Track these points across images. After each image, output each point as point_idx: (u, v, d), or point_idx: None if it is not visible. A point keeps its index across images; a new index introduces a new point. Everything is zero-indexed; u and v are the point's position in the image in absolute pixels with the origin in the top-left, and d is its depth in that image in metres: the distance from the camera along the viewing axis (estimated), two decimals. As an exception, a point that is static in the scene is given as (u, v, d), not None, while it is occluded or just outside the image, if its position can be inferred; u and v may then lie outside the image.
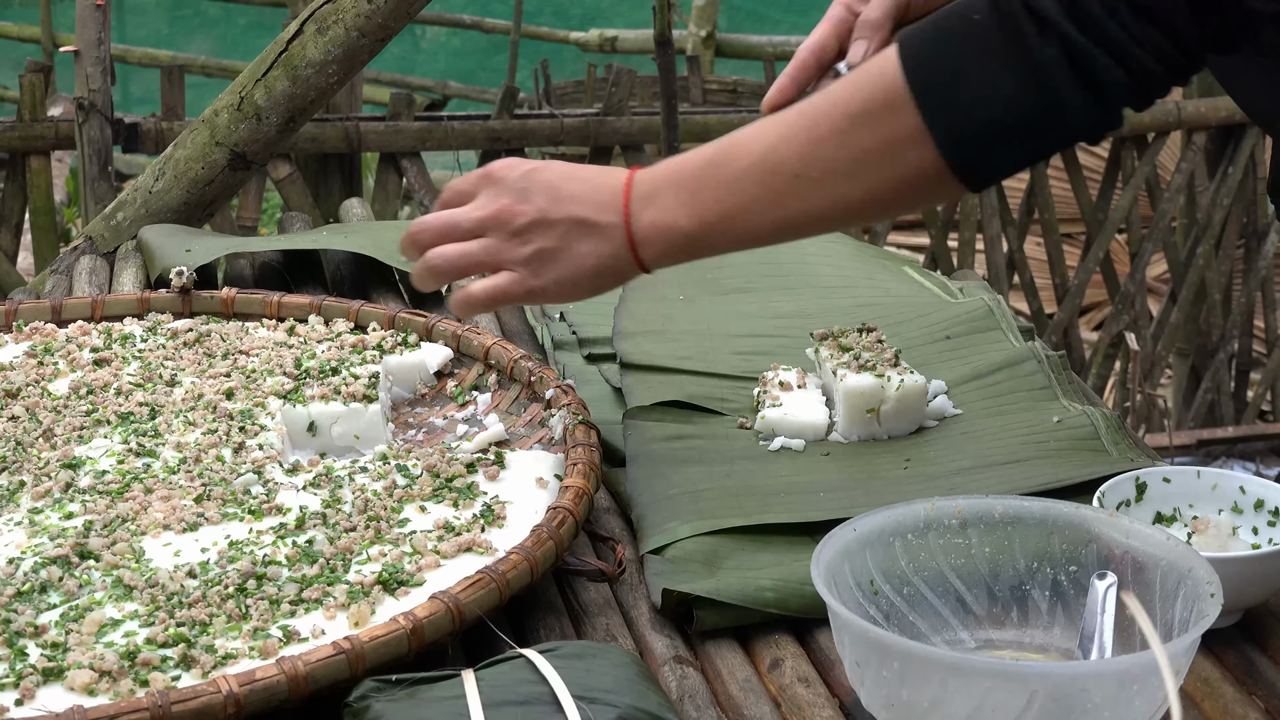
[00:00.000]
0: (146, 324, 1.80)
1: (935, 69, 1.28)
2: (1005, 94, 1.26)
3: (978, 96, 1.27)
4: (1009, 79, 1.26)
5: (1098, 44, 1.25)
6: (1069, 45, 1.25)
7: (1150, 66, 1.26)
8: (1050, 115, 1.27)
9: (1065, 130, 1.30)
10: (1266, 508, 1.37)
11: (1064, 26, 1.25)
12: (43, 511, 1.42)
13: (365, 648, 1.19)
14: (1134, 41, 1.25)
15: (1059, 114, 1.27)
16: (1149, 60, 1.25)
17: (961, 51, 1.28)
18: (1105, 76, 1.26)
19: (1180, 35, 1.26)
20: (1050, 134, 1.30)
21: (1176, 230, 4.91)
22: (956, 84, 1.28)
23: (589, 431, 1.51)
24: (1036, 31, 1.25)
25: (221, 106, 2.33)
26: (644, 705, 1.13)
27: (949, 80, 1.28)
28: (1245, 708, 1.22)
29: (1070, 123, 1.28)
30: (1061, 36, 1.25)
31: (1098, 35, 1.25)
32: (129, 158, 6.17)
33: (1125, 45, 1.25)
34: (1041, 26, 1.25)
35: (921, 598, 1.25)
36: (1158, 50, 1.25)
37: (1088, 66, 1.25)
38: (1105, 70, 1.25)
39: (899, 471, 1.54)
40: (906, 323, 1.86)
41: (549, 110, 4.81)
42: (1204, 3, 1.24)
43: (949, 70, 1.28)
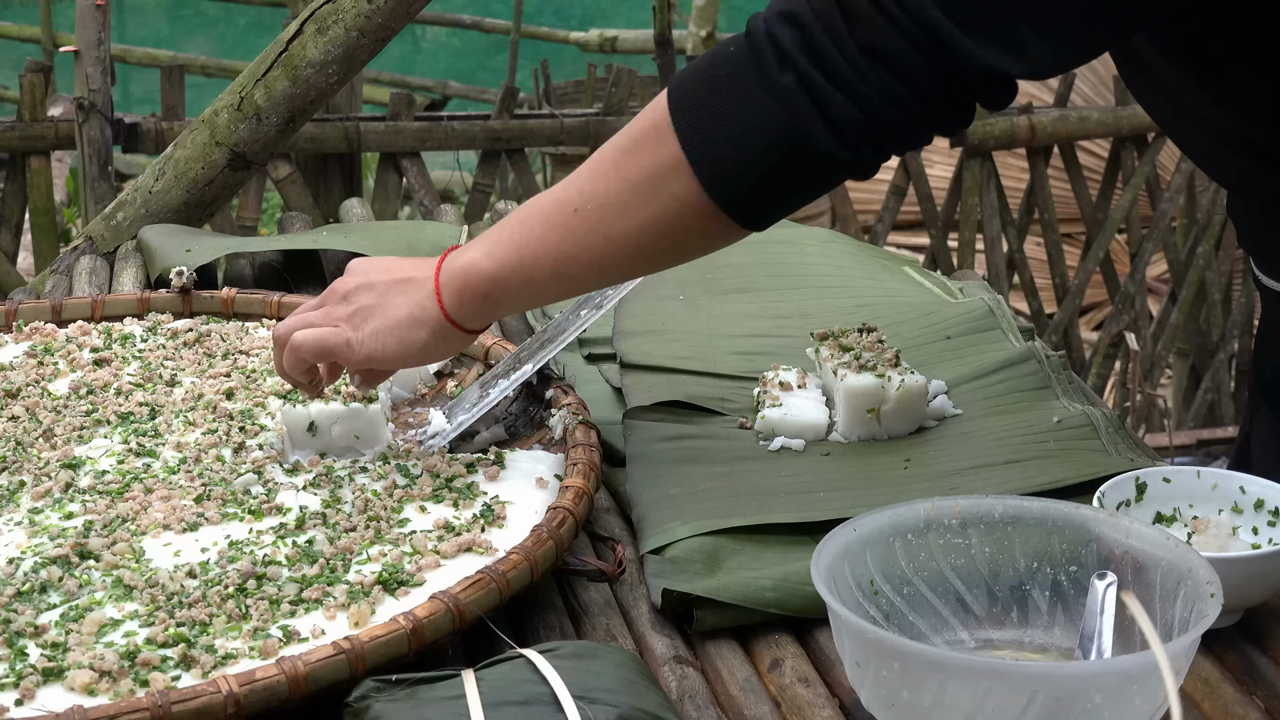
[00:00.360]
0: (146, 324, 1.80)
1: (693, 99, 1.32)
2: (752, 123, 1.30)
3: (728, 125, 1.30)
4: (755, 108, 1.29)
5: (829, 79, 1.28)
6: (804, 77, 1.28)
7: (882, 107, 1.28)
8: (796, 146, 1.30)
9: (817, 164, 1.31)
10: (1266, 508, 1.37)
11: (800, 61, 1.28)
12: (43, 511, 1.42)
13: (365, 648, 1.19)
14: (862, 80, 1.27)
15: (804, 145, 1.30)
16: (878, 100, 1.28)
17: (716, 81, 1.31)
18: (838, 112, 1.28)
19: (918, 82, 1.28)
20: (802, 167, 1.32)
21: (1176, 230, 4.91)
22: (711, 112, 1.31)
23: (589, 431, 1.51)
24: (777, 63, 1.28)
25: (221, 106, 2.33)
26: (644, 705, 1.13)
27: (704, 109, 1.31)
28: (1245, 708, 1.22)
29: (818, 156, 1.30)
30: (797, 69, 1.28)
31: (829, 70, 1.28)
32: (129, 158, 6.17)
33: (854, 83, 1.28)
34: (781, 58, 1.29)
35: (921, 598, 1.25)
36: (888, 92, 1.28)
37: (821, 100, 1.28)
38: (838, 105, 1.28)
39: (899, 471, 1.54)
40: (906, 323, 1.86)
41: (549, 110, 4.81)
42: (938, 56, 1.26)
43: (705, 99, 1.31)
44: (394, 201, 4.12)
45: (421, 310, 1.42)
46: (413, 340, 1.43)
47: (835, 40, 1.27)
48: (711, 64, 1.33)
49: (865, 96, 1.28)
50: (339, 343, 1.45)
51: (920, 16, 1.26)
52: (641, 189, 1.34)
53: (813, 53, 1.28)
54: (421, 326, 1.43)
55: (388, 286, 1.44)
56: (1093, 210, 4.70)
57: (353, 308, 1.45)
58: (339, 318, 1.46)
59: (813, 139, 1.29)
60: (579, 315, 1.58)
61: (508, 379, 1.57)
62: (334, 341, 1.45)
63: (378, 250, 2.07)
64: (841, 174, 1.34)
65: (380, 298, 1.44)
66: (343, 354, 1.45)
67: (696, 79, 1.33)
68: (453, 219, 2.40)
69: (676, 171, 1.33)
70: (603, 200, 1.36)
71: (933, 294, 1.98)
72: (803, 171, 1.33)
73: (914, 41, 1.26)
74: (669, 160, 1.33)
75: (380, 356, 1.45)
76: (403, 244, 2.12)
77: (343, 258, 2.13)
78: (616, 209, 1.36)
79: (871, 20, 1.27)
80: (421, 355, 1.45)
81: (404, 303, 1.43)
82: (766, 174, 1.32)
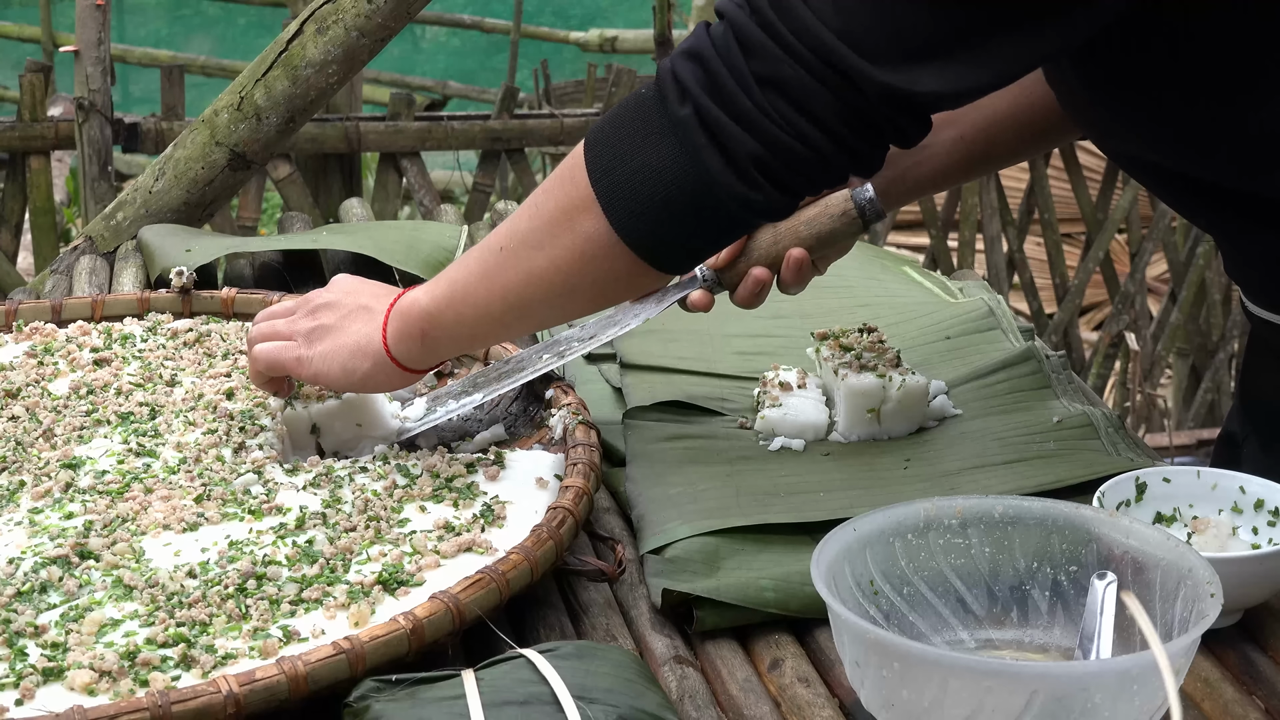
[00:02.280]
0: (146, 324, 1.80)
1: (603, 138, 1.33)
2: (652, 160, 1.30)
3: (631, 162, 1.31)
4: (654, 145, 1.30)
5: (727, 113, 1.27)
6: (701, 111, 1.28)
7: (783, 140, 1.27)
8: (697, 184, 1.30)
9: (718, 202, 1.30)
10: (1266, 508, 1.37)
11: (699, 96, 1.28)
12: (43, 511, 1.42)
13: (365, 648, 1.19)
14: (762, 114, 1.27)
15: (703, 181, 1.29)
16: (778, 134, 1.27)
17: (623, 120, 1.33)
18: (737, 146, 1.28)
19: (818, 114, 1.26)
20: (704, 205, 1.31)
21: (1176, 230, 4.91)
22: (616, 151, 1.32)
23: (589, 431, 1.51)
24: (677, 99, 1.29)
25: (221, 106, 2.33)
26: (644, 705, 1.13)
27: (611, 148, 1.32)
28: (1245, 708, 1.22)
29: (719, 193, 1.30)
30: (695, 104, 1.28)
31: (728, 105, 1.27)
32: (129, 158, 6.17)
33: (754, 117, 1.27)
34: (681, 94, 1.29)
35: (921, 598, 1.25)
36: (788, 125, 1.27)
37: (720, 135, 1.28)
38: (737, 140, 1.27)
39: (899, 471, 1.54)
40: (906, 323, 1.86)
41: (549, 110, 4.81)
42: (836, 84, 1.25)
43: (612, 138, 1.33)
44: (394, 201, 4.12)
45: (368, 341, 1.46)
46: (354, 368, 1.47)
47: (734, 74, 1.27)
48: (623, 104, 1.34)
49: (765, 130, 1.27)
50: (289, 359, 1.50)
51: (815, 44, 1.25)
52: (556, 225, 1.36)
53: (712, 87, 1.28)
54: (365, 357, 1.46)
55: (349, 311, 1.48)
56: (1093, 210, 4.70)
57: (313, 324, 1.49)
58: (299, 331, 1.50)
59: (710, 175, 1.29)
60: (540, 357, 1.57)
61: (457, 401, 1.57)
62: (285, 357, 1.50)
63: (378, 250, 2.07)
64: (746, 213, 1.32)
65: (340, 320, 1.48)
66: (292, 369, 1.50)
67: (609, 119, 1.34)
68: (453, 219, 2.40)
69: (587, 210, 1.34)
70: (523, 238, 1.38)
71: (933, 294, 1.98)
72: (705, 209, 1.32)
73: (811, 70, 1.25)
74: (581, 199, 1.34)
75: (325, 379, 1.49)
76: (403, 244, 2.12)
77: (343, 258, 2.13)
78: (533, 245, 1.37)
79: (768, 51, 1.26)
80: (362, 384, 1.49)
81: (356, 330, 1.47)
82: (669, 212, 1.32)
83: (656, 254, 1.35)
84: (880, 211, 1.56)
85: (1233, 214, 1.46)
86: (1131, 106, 1.40)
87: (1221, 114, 1.35)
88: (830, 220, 1.56)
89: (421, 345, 1.45)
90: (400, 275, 2.06)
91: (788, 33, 1.25)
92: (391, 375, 1.47)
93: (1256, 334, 1.60)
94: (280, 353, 1.50)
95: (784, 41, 1.25)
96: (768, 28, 1.26)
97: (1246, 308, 1.59)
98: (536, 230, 1.37)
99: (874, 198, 1.55)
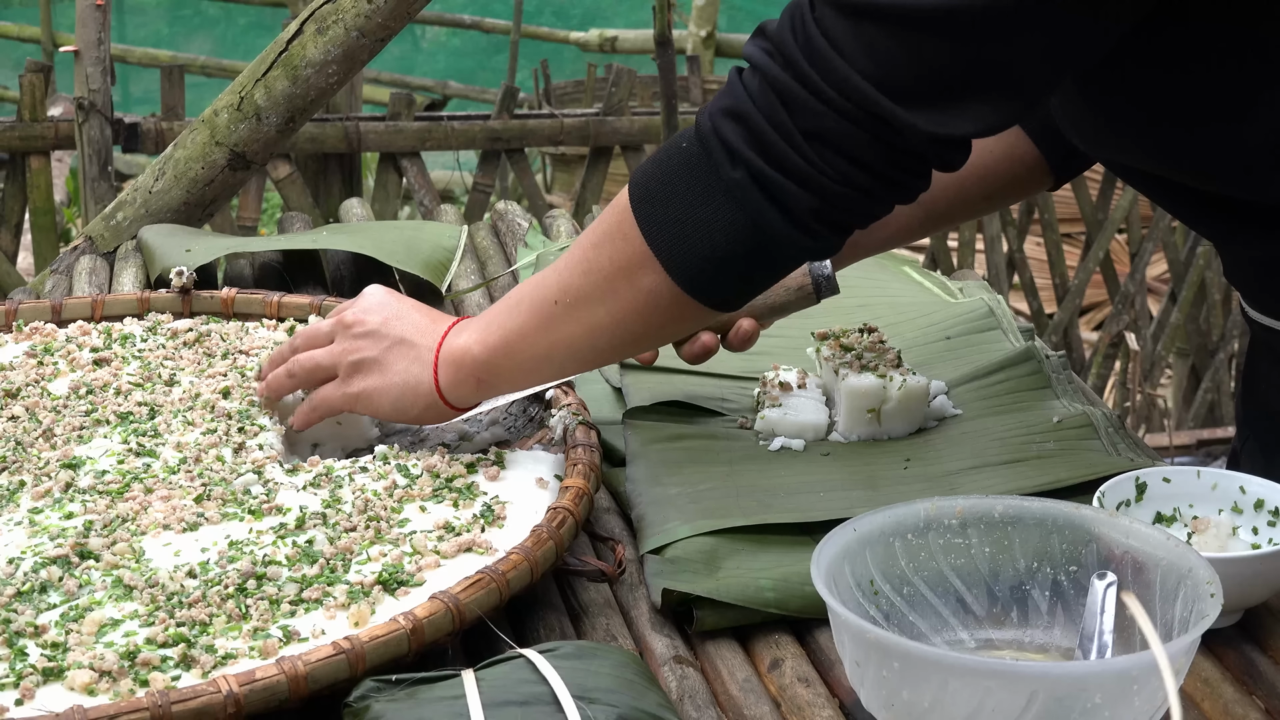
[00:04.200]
0: (146, 324, 1.80)
1: (652, 196, 1.34)
2: (711, 221, 1.32)
3: (688, 223, 1.32)
4: (712, 207, 1.31)
5: (780, 171, 1.28)
6: (755, 173, 1.29)
7: (836, 190, 1.29)
8: (757, 239, 1.31)
9: (780, 253, 1.33)
10: (1266, 508, 1.37)
11: (749, 157, 1.29)
12: (43, 511, 1.42)
13: (365, 648, 1.19)
14: (812, 167, 1.28)
15: (764, 238, 1.31)
16: (832, 185, 1.29)
17: (672, 177, 1.33)
18: (794, 202, 1.29)
19: (867, 161, 1.28)
20: (766, 257, 1.34)
21: (1176, 230, 4.91)
22: (670, 211, 1.33)
23: (589, 431, 1.51)
24: (727, 160, 1.30)
25: (221, 106, 2.33)
26: (644, 705, 1.13)
27: (663, 207, 1.33)
28: (1245, 708, 1.22)
29: (780, 246, 1.32)
30: (747, 165, 1.29)
31: (779, 163, 1.28)
32: (129, 158, 6.17)
33: (806, 171, 1.28)
34: (731, 156, 1.30)
35: (921, 598, 1.25)
36: (840, 175, 1.28)
37: (778, 194, 1.29)
38: (793, 196, 1.29)
39: (899, 471, 1.54)
40: (906, 323, 1.86)
41: (549, 110, 4.82)
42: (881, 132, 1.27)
43: (663, 197, 1.33)
44: (394, 201, 4.12)
45: (418, 383, 1.48)
46: (407, 408, 1.49)
47: (780, 131, 1.28)
48: (667, 161, 1.34)
49: (818, 183, 1.28)
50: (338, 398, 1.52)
51: (857, 97, 1.26)
52: (615, 281, 1.37)
53: (760, 147, 1.29)
54: (418, 398, 1.48)
55: (391, 345, 1.49)
56: (1093, 210, 4.70)
57: (357, 357, 1.50)
58: (341, 365, 1.51)
59: (772, 231, 1.30)
60: None
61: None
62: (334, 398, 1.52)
63: (378, 250, 2.07)
64: (805, 257, 1.36)
65: (383, 354, 1.49)
66: (344, 409, 1.53)
67: (655, 175, 1.35)
68: (453, 219, 2.40)
69: (645, 267, 1.35)
70: (579, 294, 1.39)
71: (933, 294, 1.98)
72: (767, 260, 1.35)
73: (856, 122, 1.26)
74: (637, 256, 1.35)
75: (376, 414, 1.53)
76: (403, 244, 2.12)
77: (343, 258, 2.13)
78: (593, 301, 1.39)
79: (810, 106, 1.27)
80: (415, 420, 1.52)
81: (403, 369, 1.48)
82: (732, 266, 1.34)
83: (722, 302, 1.38)
84: (835, 287, 1.62)
85: (1232, 221, 1.46)
86: (1125, 120, 1.40)
87: (1219, 126, 1.36)
88: (786, 294, 1.62)
89: (476, 390, 1.48)
90: (400, 275, 2.06)
91: (825, 84, 1.26)
92: (443, 414, 1.50)
93: (1257, 339, 1.60)
94: (330, 393, 1.52)
95: (822, 94, 1.26)
96: (804, 80, 1.27)
97: (1246, 313, 1.60)
98: (595, 286, 1.38)
99: (831, 275, 1.61)
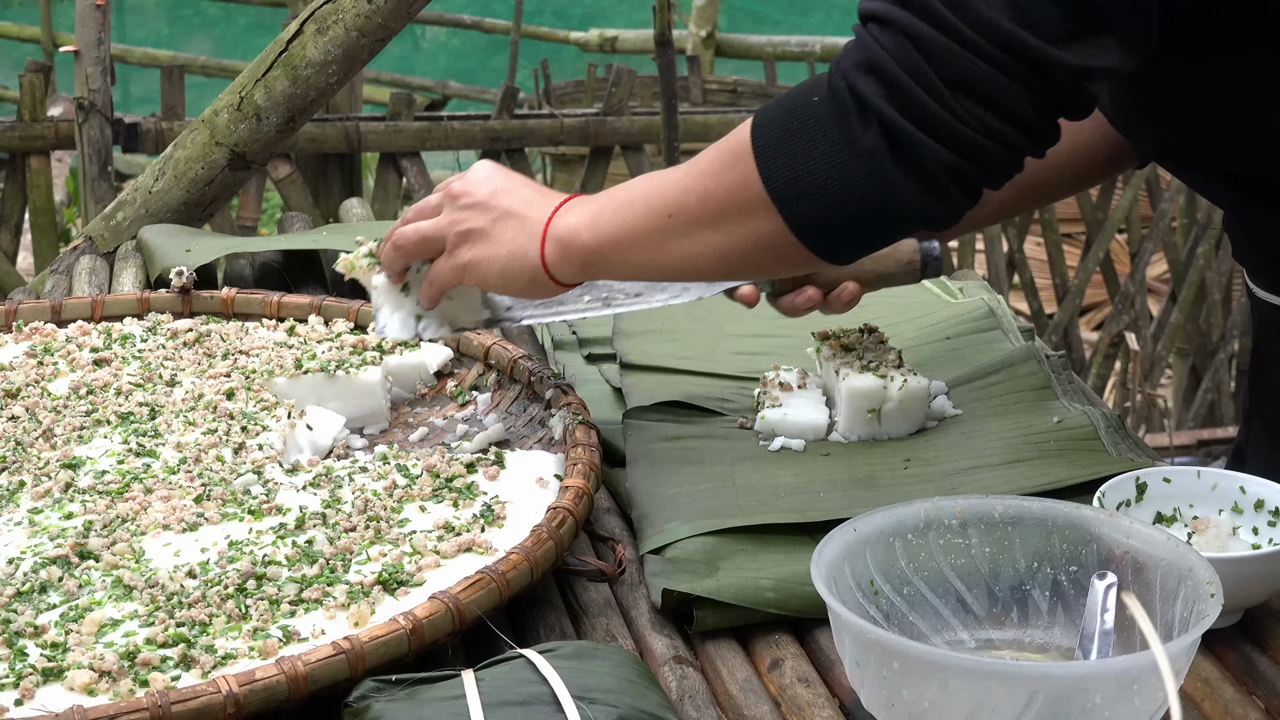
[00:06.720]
0: (146, 324, 1.80)
1: (775, 144, 1.33)
2: (835, 178, 1.30)
3: (810, 177, 1.31)
4: (837, 166, 1.29)
5: (917, 124, 1.26)
6: (890, 129, 1.27)
7: (979, 143, 1.27)
8: (881, 201, 1.30)
9: (896, 215, 1.31)
10: (1266, 508, 1.37)
11: (885, 111, 1.27)
12: (43, 511, 1.42)
13: (365, 648, 1.19)
14: (955, 118, 1.26)
15: (889, 200, 1.29)
16: (975, 138, 1.27)
17: (798, 131, 1.31)
18: (929, 156, 1.27)
19: (1011, 108, 1.27)
20: (887, 219, 1.32)
21: (1176, 230, 4.91)
22: (793, 163, 1.32)
23: (589, 431, 1.51)
24: (860, 120, 1.28)
25: (221, 106, 2.33)
26: (644, 705, 1.13)
27: (786, 157, 1.32)
28: (1245, 708, 1.22)
29: (903, 208, 1.30)
30: (882, 120, 1.27)
31: (917, 116, 1.26)
32: (129, 158, 6.17)
33: (947, 124, 1.26)
34: (864, 114, 1.27)
35: (921, 598, 1.25)
36: (983, 125, 1.27)
37: (912, 149, 1.27)
38: (928, 150, 1.27)
39: (899, 471, 1.54)
40: (906, 323, 1.86)
41: (549, 110, 4.81)
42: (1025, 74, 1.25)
43: (786, 147, 1.32)
44: (394, 201, 4.12)
45: (524, 255, 1.46)
46: (513, 279, 1.48)
47: (921, 81, 1.26)
48: (794, 111, 1.32)
49: (958, 135, 1.27)
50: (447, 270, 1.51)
51: (1002, 38, 1.24)
52: (727, 214, 1.36)
53: (898, 100, 1.26)
54: (524, 270, 1.47)
55: (498, 216, 1.48)
56: (1093, 210, 4.70)
57: (465, 227, 1.50)
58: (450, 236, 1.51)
59: (900, 195, 1.29)
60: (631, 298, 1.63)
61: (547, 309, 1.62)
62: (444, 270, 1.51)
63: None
64: (928, 223, 1.33)
65: (490, 225, 1.48)
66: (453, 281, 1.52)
67: (781, 123, 1.33)
68: (453, 219, 2.40)
69: (762, 211, 1.34)
70: (691, 216, 1.38)
71: (933, 294, 1.98)
72: (889, 223, 1.34)
73: (996, 64, 1.25)
74: (755, 200, 1.34)
75: (482, 284, 1.52)
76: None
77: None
78: (704, 226, 1.38)
79: (953, 54, 1.25)
80: (518, 293, 1.52)
81: (510, 240, 1.47)
82: (852, 226, 1.33)
83: (835, 254, 1.37)
84: (940, 269, 1.62)
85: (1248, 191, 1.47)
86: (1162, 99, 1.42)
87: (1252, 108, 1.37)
88: (895, 265, 1.62)
89: (581, 271, 1.47)
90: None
91: (966, 28, 1.25)
92: (546, 288, 1.49)
93: (1266, 321, 1.60)
94: (439, 266, 1.52)
95: (965, 39, 1.25)
96: (944, 27, 1.25)
97: (1255, 294, 1.59)
98: (708, 214, 1.38)
99: (939, 256, 1.61)
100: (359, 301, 1.80)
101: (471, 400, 1.66)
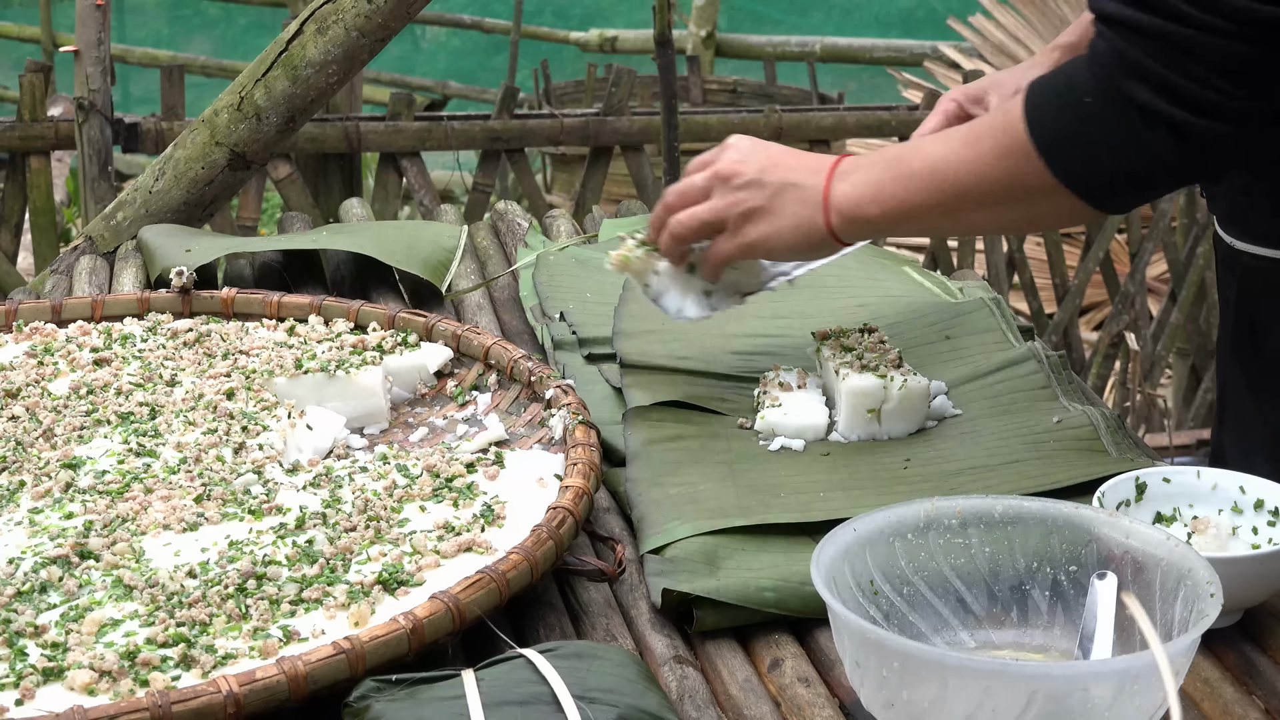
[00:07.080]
0: (146, 324, 1.80)
1: (1059, 141, 1.41)
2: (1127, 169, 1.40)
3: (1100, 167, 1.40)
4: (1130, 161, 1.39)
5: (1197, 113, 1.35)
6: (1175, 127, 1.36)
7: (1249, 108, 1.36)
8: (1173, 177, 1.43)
9: (1188, 182, 1.50)
10: (1266, 508, 1.37)
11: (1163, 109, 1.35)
12: (43, 511, 1.42)
13: (365, 648, 1.19)
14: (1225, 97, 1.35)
15: (1181, 176, 1.44)
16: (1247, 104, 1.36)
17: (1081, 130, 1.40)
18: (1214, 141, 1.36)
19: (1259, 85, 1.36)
20: (1175, 185, 1.46)
21: (1176, 230, 4.91)
22: (1084, 161, 1.40)
23: (589, 431, 1.51)
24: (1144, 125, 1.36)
25: (221, 106, 2.33)
26: (644, 705, 1.13)
27: (1074, 153, 1.41)
28: (1245, 708, 1.22)
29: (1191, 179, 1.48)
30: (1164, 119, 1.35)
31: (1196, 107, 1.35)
32: (129, 158, 6.17)
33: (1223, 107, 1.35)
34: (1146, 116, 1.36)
35: (921, 598, 1.25)
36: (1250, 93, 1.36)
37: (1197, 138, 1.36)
38: (1214, 135, 1.36)
39: (899, 471, 1.54)
40: (906, 323, 1.86)
41: (549, 110, 4.81)
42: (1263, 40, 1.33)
43: (1070, 143, 1.40)
44: (394, 201, 4.11)
45: (811, 224, 1.54)
46: (801, 246, 1.57)
47: (1191, 77, 1.33)
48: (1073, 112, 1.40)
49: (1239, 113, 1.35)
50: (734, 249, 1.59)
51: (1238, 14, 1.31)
52: (1013, 193, 1.45)
53: (1174, 98, 1.35)
54: (811, 237, 1.55)
55: (777, 190, 1.55)
56: (1093, 210, 4.69)
57: (744, 208, 1.57)
58: (728, 217, 1.58)
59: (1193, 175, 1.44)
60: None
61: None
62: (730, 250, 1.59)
63: (378, 250, 2.07)
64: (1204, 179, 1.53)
65: (769, 200, 1.56)
66: (737, 257, 1.60)
67: (1060, 120, 1.41)
68: (453, 219, 2.40)
69: (1054, 193, 1.42)
70: (975, 196, 1.47)
71: (933, 294, 1.98)
72: (1176, 185, 1.47)
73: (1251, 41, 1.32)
74: (1046, 186, 1.42)
75: (763, 253, 1.60)
76: (403, 244, 2.12)
77: (343, 258, 2.13)
78: (995, 202, 1.47)
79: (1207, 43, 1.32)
80: (803, 257, 1.63)
81: (793, 212, 1.55)
82: (1144, 193, 1.45)
83: (1116, 208, 1.47)
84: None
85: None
86: None
87: None
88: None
89: (864, 233, 1.56)
90: (400, 275, 2.06)
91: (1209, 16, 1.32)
92: (833, 249, 1.58)
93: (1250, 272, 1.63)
94: (724, 245, 1.59)
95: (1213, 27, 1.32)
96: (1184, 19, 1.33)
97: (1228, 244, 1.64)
98: (992, 195, 1.46)
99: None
100: (359, 302, 1.80)
101: (471, 400, 1.66)
